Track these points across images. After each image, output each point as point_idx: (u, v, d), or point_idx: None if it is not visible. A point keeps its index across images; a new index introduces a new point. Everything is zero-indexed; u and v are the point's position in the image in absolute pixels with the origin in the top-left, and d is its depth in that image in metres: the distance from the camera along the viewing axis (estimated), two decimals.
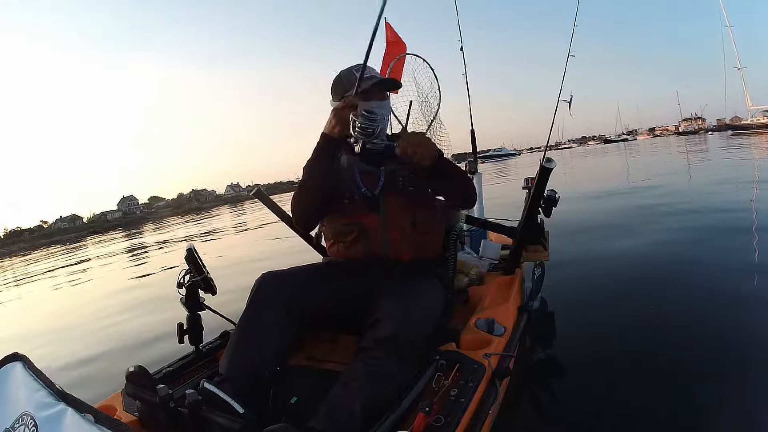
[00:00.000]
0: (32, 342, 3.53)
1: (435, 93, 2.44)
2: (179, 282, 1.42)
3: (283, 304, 1.22)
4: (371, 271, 1.36)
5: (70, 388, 0.79)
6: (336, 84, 1.41)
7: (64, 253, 16.49)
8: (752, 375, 1.60)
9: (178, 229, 17.79)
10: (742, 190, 5.90)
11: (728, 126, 31.19)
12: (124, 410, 1.12)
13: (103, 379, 2.32)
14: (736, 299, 2.23)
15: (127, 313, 3.85)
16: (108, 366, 2.56)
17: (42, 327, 4.09)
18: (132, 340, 2.98)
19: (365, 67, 1.26)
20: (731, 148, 14.87)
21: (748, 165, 9.16)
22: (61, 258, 13.79)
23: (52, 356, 2.93)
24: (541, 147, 3.71)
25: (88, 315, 4.20)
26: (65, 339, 3.51)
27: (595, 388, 1.63)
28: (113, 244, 15.01)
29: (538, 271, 1.97)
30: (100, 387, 2.07)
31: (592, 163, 18.99)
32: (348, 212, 1.40)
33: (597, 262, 3.20)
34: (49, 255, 15.73)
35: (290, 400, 1.15)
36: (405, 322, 1.12)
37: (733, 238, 3.34)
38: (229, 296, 2.08)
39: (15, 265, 12.46)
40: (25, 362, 0.84)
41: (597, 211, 5.47)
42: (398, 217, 1.37)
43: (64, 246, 25.55)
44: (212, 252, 7.05)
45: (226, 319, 1.51)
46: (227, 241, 9.59)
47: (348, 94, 1.34)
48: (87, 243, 23.33)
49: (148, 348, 2.73)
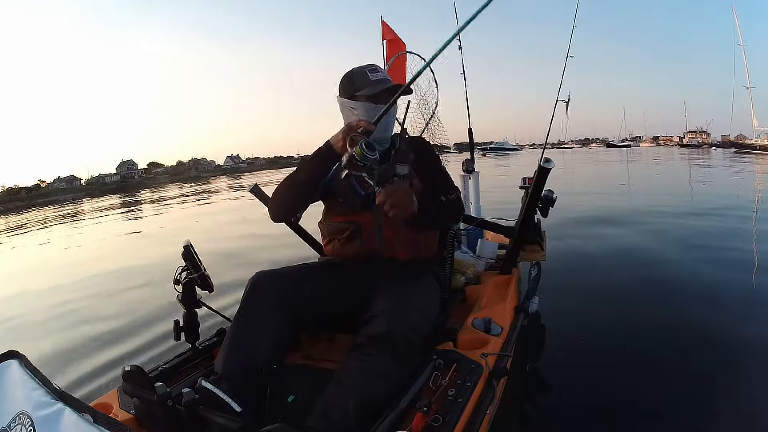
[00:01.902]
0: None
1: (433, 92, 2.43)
2: (176, 279, 1.41)
3: (277, 302, 1.22)
4: (366, 270, 1.36)
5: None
6: (346, 80, 1.38)
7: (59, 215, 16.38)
8: (750, 376, 1.62)
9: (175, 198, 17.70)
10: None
11: (732, 143, 31.26)
12: (121, 408, 1.11)
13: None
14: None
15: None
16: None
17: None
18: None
19: (365, 70, 1.25)
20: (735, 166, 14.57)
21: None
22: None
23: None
24: (543, 144, 3.62)
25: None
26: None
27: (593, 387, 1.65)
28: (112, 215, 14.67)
29: (535, 271, 1.98)
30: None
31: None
32: (343, 211, 1.40)
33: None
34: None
35: (287, 398, 1.15)
36: (400, 320, 1.12)
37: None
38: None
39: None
40: (21, 360, 0.83)
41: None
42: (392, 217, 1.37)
43: (61, 206, 25.14)
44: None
45: (222, 316, 1.51)
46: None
47: (359, 93, 1.33)
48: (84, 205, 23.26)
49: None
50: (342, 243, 1.41)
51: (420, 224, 1.30)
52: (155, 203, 16.21)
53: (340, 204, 1.40)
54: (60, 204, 29.90)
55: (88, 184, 61.98)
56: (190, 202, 14.76)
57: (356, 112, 1.34)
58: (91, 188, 54.46)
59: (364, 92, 1.33)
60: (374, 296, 1.21)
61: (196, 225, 8.66)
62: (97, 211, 14.97)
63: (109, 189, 49.03)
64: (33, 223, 14.41)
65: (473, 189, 2.84)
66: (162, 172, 73.40)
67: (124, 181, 61.60)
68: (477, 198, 2.86)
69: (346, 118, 1.38)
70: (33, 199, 44.85)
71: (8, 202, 43.04)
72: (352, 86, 1.33)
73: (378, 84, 1.34)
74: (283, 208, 1.40)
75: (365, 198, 1.35)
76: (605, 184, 9.83)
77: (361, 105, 1.34)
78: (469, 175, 2.83)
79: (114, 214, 13.11)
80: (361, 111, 1.33)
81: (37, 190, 56.78)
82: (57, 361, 2.38)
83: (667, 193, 7.73)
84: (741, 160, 17.56)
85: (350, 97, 1.35)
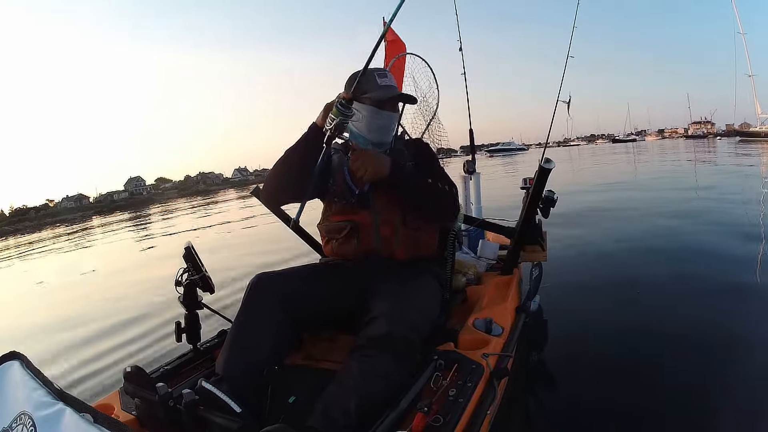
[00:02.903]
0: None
1: (433, 93, 2.44)
2: (177, 280, 1.42)
3: (278, 303, 1.22)
4: (365, 270, 1.36)
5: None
6: (352, 78, 1.35)
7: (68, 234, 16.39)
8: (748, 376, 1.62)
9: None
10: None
11: (737, 132, 31.41)
12: (122, 409, 1.11)
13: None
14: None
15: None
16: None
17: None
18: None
19: (364, 71, 1.26)
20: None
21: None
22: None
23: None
24: (551, 143, 3.72)
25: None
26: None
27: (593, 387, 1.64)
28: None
29: (536, 272, 1.98)
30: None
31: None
32: (340, 210, 1.40)
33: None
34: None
35: (289, 399, 1.15)
36: (400, 320, 1.13)
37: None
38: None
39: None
40: (22, 361, 0.84)
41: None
42: (389, 214, 1.37)
43: (69, 226, 25.17)
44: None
45: (224, 318, 1.51)
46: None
47: (366, 96, 1.33)
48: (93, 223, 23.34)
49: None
50: (340, 242, 1.42)
51: (399, 190, 1.31)
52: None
53: (337, 204, 1.40)
54: (69, 223, 29.95)
55: (96, 202, 62.34)
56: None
57: (362, 115, 1.34)
58: (100, 206, 54.76)
59: (371, 96, 1.33)
60: (373, 297, 1.21)
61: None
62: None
63: (118, 206, 49.22)
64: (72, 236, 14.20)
65: (474, 190, 2.84)
66: (170, 187, 73.54)
67: (132, 197, 61.79)
68: (478, 199, 2.86)
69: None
70: (42, 219, 44.86)
71: (17, 222, 43.04)
72: (359, 88, 1.31)
73: (386, 89, 1.34)
74: (275, 183, 1.36)
75: (360, 196, 1.36)
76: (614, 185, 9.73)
77: (366, 108, 1.34)
78: (470, 176, 2.82)
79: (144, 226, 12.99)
80: (365, 114, 1.34)
81: (46, 209, 56.99)
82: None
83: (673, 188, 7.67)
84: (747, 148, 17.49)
85: (355, 99, 1.33)
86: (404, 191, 1.32)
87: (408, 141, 1.49)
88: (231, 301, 2.78)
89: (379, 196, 1.37)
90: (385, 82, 1.35)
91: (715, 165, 11.49)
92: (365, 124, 1.35)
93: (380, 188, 1.35)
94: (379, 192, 1.37)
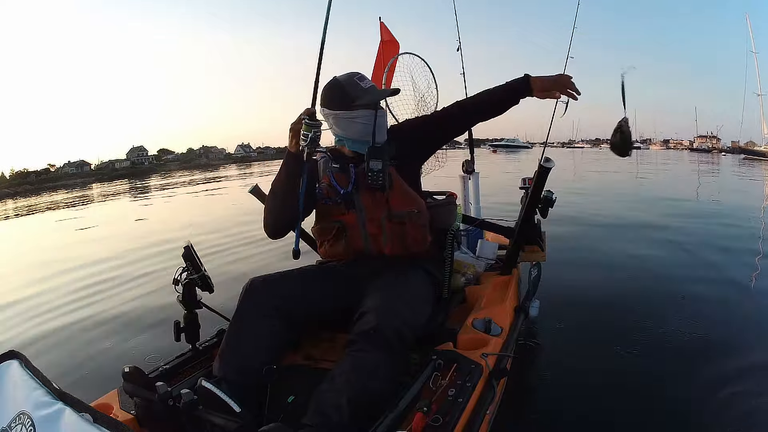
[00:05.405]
0: None
1: (432, 92, 2.43)
2: (176, 279, 1.41)
3: (272, 306, 1.23)
4: (356, 269, 1.38)
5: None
6: (338, 91, 1.33)
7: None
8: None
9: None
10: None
11: (742, 149, 31.50)
12: (121, 408, 1.11)
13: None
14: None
15: None
16: None
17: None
18: None
19: (353, 78, 1.27)
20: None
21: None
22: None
23: None
24: (555, 143, 3.64)
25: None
26: None
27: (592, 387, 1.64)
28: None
29: (535, 272, 1.98)
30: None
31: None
32: (329, 212, 1.43)
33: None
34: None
35: (287, 399, 1.15)
36: (389, 314, 1.13)
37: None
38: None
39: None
40: (21, 360, 0.84)
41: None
42: (375, 212, 1.37)
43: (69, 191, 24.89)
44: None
45: (223, 317, 1.50)
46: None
47: (358, 102, 1.32)
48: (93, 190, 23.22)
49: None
50: (331, 243, 1.44)
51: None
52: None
53: (325, 206, 1.43)
54: (70, 188, 29.58)
55: (97, 170, 60.55)
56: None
57: (359, 121, 1.34)
58: (101, 173, 53.67)
59: (364, 101, 1.32)
60: (364, 294, 1.23)
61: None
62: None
63: (119, 175, 48.44)
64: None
65: (473, 190, 2.84)
66: (172, 159, 71.95)
67: (134, 167, 60.84)
68: (477, 199, 2.85)
69: (343, 130, 1.37)
70: (42, 183, 44.21)
71: (18, 185, 42.59)
72: (347, 97, 1.31)
73: (372, 91, 1.35)
74: (271, 219, 1.41)
75: (345, 196, 1.37)
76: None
77: (362, 114, 1.33)
78: (468, 176, 2.82)
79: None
80: (364, 119, 1.33)
81: (47, 174, 55.87)
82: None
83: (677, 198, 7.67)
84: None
85: (348, 108, 1.33)
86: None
87: (391, 136, 1.47)
88: (232, 297, 2.78)
89: (363, 194, 1.37)
90: (366, 84, 1.35)
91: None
92: (361, 128, 1.35)
93: (363, 187, 1.36)
94: (362, 190, 1.37)
